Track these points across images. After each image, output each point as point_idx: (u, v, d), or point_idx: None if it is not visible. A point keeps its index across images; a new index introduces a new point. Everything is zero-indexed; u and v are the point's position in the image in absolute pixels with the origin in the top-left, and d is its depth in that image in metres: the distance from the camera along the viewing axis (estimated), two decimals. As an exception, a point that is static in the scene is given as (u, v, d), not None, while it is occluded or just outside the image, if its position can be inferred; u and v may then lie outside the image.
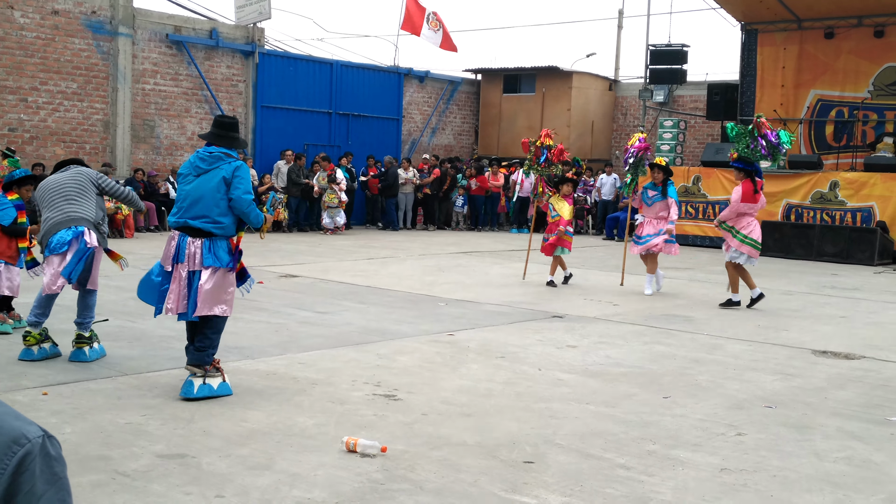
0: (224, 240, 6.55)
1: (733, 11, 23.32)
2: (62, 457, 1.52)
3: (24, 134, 18.87)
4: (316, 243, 18.58)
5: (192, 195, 6.53)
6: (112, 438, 5.42)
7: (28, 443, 1.46)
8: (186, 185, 6.60)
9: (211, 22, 22.41)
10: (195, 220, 6.49)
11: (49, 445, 1.49)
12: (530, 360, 8.06)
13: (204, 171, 6.57)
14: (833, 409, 6.70)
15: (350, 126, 24.51)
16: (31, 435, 1.47)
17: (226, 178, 6.52)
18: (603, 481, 4.96)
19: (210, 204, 6.48)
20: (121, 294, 10.73)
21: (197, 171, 6.59)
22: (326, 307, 10.56)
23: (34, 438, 1.47)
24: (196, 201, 6.50)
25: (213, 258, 6.47)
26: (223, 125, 6.81)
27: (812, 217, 19.21)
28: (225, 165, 6.58)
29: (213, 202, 6.48)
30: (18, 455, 1.44)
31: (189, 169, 6.64)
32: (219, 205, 6.50)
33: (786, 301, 12.35)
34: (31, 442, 1.46)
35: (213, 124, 6.94)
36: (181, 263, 6.50)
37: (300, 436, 5.61)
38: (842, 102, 22.19)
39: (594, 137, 27.62)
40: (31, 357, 7.38)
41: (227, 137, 6.73)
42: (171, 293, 6.51)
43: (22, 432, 1.46)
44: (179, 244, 6.51)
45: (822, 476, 5.18)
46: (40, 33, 19.00)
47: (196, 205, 6.50)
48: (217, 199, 6.49)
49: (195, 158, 6.66)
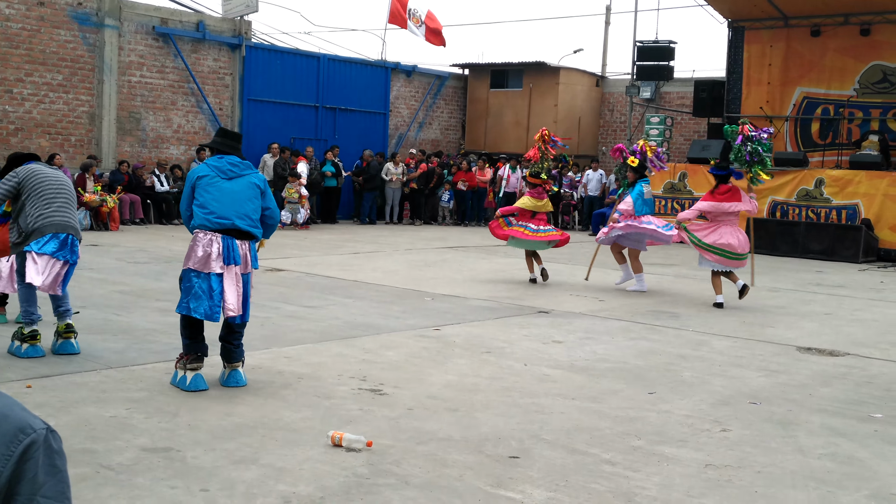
0: (256, 242, 6.73)
1: (720, 8, 23.37)
2: (63, 451, 1.57)
3: (8, 126, 18.74)
4: (301, 237, 18.54)
5: (230, 196, 6.51)
6: (97, 432, 5.40)
7: (33, 433, 1.52)
8: (219, 186, 6.52)
9: (198, 15, 22.31)
10: (241, 220, 6.51)
11: (52, 439, 1.55)
12: (516, 355, 8.07)
13: (237, 176, 6.62)
14: (818, 406, 6.73)
15: (337, 120, 24.46)
16: (37, 426, 1.53)
17: (259, 186, 6.67)
18: (588, 476, 4.97)
19: (250, 207, 6.58)
20: (106, 287, 10.68)
21: (229, 175, 6.59)
22: (312, 301, 10.53)
23: (39, 430, 1.53)
24: (236, 203, 6.52)
25: (257, 261, 6.72)
26: (235, 137, 6.96)
27: (797, 214, 19.29)
28: (254, 173, 6.75)
29: (252, 206, 6.59)
30: (24, 443, 1.49)
31: (214, 172, 6.57)
32: (257, 209, 6.64)
33: (771, 298, 12.39)
34: (35, 432, 1.52)
35: (221, 135, 6.94)
36: (237, 265, 6.47)
37: (286, 430, 5.59)
38: (827, 100, 22.28)
39: (581, 133, 27.65)
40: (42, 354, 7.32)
41: (238, 150, 6.84)
42: (228, 294, 6.41)
43: (28, 422, 1.52)
44: (229, 246, 6.43)
45: (806, 472, 5.20)
46: (25, 24, 18.87)
47: (237, 207, 6.51)
48: (256, 205, 6.63)
49: (221, 163, 6.62)
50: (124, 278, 11.69)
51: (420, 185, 23.93)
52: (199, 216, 6.48)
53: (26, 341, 7.27)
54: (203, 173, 6.60)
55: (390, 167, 23.57)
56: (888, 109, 21.15)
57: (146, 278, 11.81)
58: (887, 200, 18.30)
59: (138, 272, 12.32)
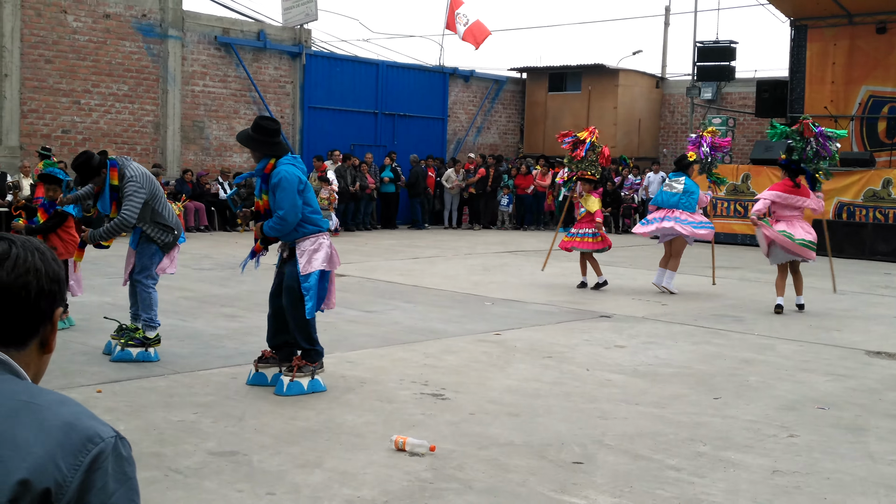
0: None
1: (782, 7, 23.02)
2: (132, 458, 1.56)
3: (76, 136, 19.18)
4: (362, 242, 18.67)
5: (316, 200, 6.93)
6: (165, 436, 5.50)
7: (102, 441, 1.51)
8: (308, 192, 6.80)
9: (258, 24, 22.61)
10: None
11: (121, 446, 1.54)
12: (578, 359, 8.03)
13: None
14: (887, 411, 6.59)
15: (396, 126, 24.58)
16: (105, 434, 1.52)
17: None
18: (653, 482, 4.94)
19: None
20: (172, 293, 10.86)
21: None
22: (374, 306, 10.60)
23: (108, 438, 1.52)
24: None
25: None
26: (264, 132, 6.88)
27: (864, 215, 18.90)
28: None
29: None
30: (93, 453, 1.48)
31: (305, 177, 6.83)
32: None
33: (837, 301, 12.17)
34: (104, 441, 1.51)
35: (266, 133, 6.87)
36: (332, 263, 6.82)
37: (349, 434, 5.64)
38: (894, 98, 21.80)
39: (641, 135, 27.42)
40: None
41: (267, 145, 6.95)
42: (332, 292, 6.87)
43: (96, 431, 1.51)
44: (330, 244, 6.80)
45: (876, 479, 5.11)
46: (92, 37, 19.30)
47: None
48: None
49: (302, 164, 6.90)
50: (190, 284, 11.88)
51: (479, 189, 23.94)
52: (315, 219, 6.73)
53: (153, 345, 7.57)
54: (303, 178, 6.76)
55: (451, 173, 23.61)
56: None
57: (212, 284, 11.99)
58: (957, 200, 17.85)
59: (203, 278, 12.51)
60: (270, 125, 6.86)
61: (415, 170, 23.26)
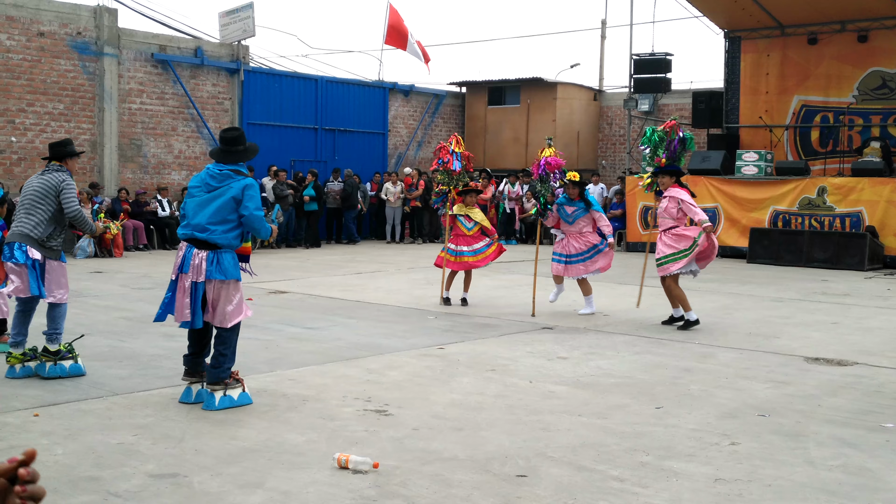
0: (229, 252, 6.74)
1: (716, 19, 23.44)
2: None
3: (12, 156, 18.80)
4: (304, 258, 18.53)
5: (200, 209, 6.72)
6: (103, 459, 5.37)
7: None
8: (195, 199, 6.78)
9: (196, 40, 22.41)
10: (201, 232, 6.67)
11: None
12: (521, 372, 8.04)
13: (214, 189, 6.77)
14: (826, 417, 6.69)
15: (336, 141, 24.51)
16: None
17: (236, 198, 6.72)
18: (596, 494, 4.94)
19: (217, 219, 6.68)
20: (110, 314, 10.67)
21: (208, 188, 6.78)
22: (316, 323, 10.52)
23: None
24: (204, 215, 6.68)
25: (218, 271, 6.65)
26: (227, 140, 6.99)
27: (800, 223, 19.24)
28: (234, 184, 6.78)
29: (220, 218, 6.68)
30: None
31: (200, 183, 6.83)
32: (226, 220, 6.70)
33: (776, 308, 12.35)
34: None
35: (219, 139, 7.13)
36: (185, 273, 6.66)
37: (291, 453, 5.57)
38: (826, 108, 22.28)
39: (580, 148, 27.67)
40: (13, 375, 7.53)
41: (233, 153, 6.93)
42: (176, 302, 6.69)
43: None
44: (185, 255, 6.69)
45: (817, 484, 5.17)
46: (26, 55, 18.96)
47: (204, 218, 6.68)
48: (224, 215, 6.70)
49: (206, 175, 6.84)
50: (129, 304, 11.68)
51: (420, 202, 23.93)
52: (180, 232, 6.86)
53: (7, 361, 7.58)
54: (192, 184, 6.98)
55: (389, 186, 23.59)
56: (889, 115, 21.14)
57: (151, 304, 11.78)
58: (891, 207, 18.24)
59: (142, 298, 12.31)
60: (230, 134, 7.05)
61: (348, 183, 23.15)
